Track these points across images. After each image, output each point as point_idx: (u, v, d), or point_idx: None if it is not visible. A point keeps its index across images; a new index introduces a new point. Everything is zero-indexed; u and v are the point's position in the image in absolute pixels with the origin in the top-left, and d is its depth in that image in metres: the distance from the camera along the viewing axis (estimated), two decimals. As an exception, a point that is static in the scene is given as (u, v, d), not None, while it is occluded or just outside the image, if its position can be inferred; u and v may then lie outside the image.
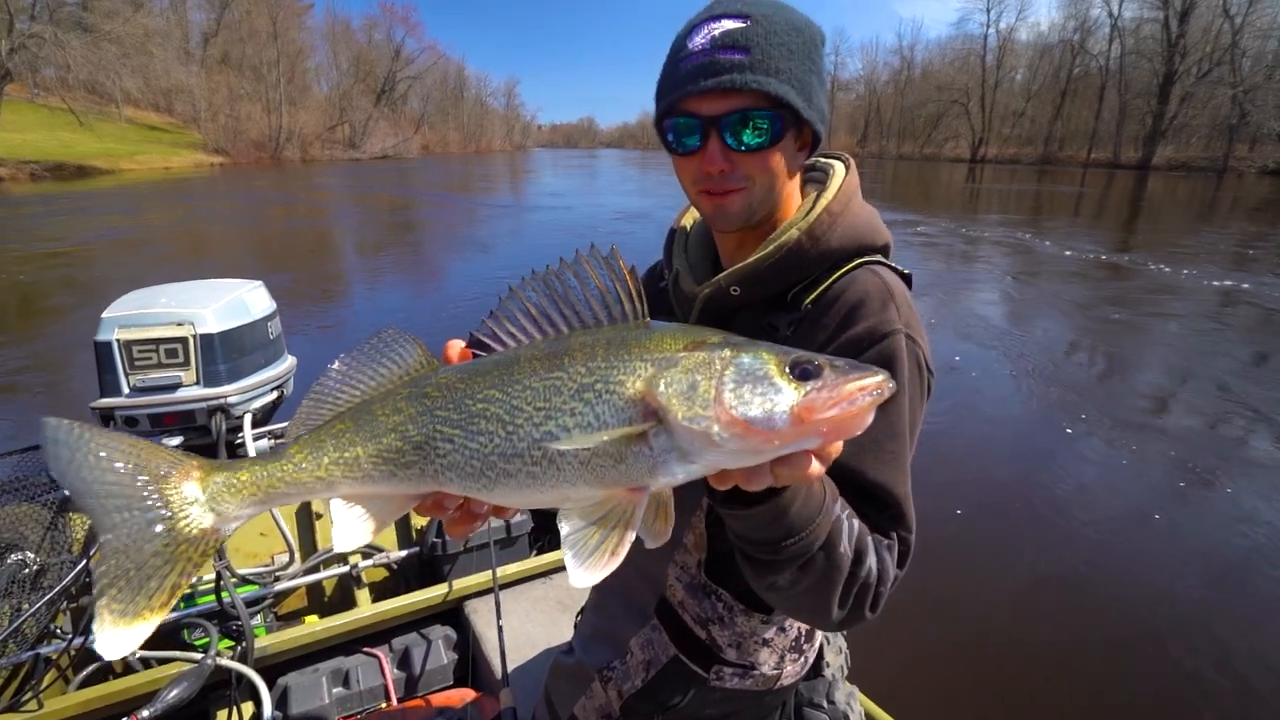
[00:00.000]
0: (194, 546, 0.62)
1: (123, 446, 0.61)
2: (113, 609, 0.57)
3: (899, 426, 0.94)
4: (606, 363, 0.61)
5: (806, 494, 0.77)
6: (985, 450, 5.65)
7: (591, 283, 0.66)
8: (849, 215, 1.04)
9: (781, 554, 0.79)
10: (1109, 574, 4.03)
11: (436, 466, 0.65)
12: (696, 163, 1.00)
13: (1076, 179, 48.03)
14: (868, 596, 0.89)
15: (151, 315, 2.17)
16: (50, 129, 42.78)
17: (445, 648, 2.41)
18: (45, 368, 7.54)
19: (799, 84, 0.95)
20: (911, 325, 0.97)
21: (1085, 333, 9.44)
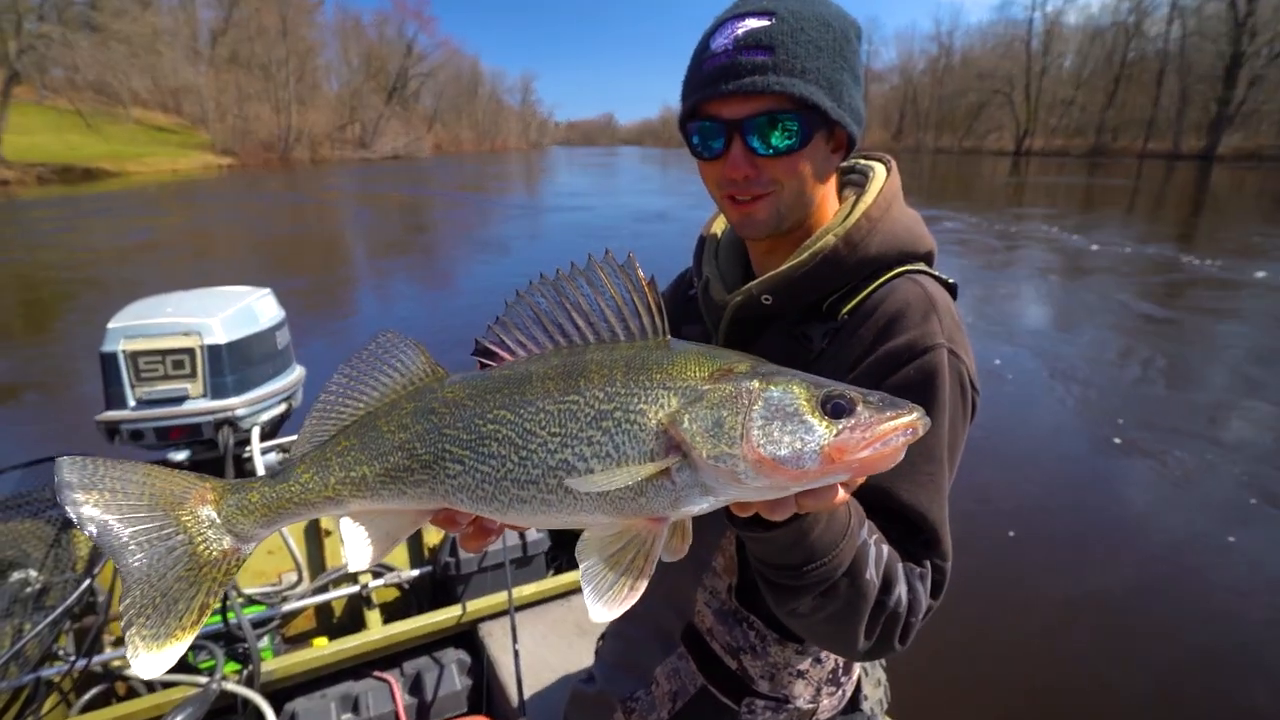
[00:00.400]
0: (216, 568, 0.65)
1: (137, 476, 0.63)
2: (144, 634, 0.60)
3: (936, 449, 0.92)
4: (626, 389, 0.60)
5: (830, 518, 0.76)
6: (1030, 465, 5.52)
7: (606, 292, 0.64)
8: (889, 221, 1.03)
9: (803, 579, 0.78)
10: (1169, 602, 3.90)
11: (447, 487, 0.65)
12: (720, 168, 0.99)
13: (1132, 171, 47.08)
14: (896, 627, 0.87)
15: (157, 325, 2.22)
16: (58, 131, 44.24)
17: (459, 672, 2.41)
18: (51, 377, 7.73)
19: (828, 83, 0.94)
20: (955, 339, 0.95)
21: (1140, 336, 9.21)
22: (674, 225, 18.90)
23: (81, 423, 2.26)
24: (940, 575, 0.92)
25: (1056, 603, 3.89)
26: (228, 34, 65.96)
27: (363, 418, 0.70)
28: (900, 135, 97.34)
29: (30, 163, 35.94)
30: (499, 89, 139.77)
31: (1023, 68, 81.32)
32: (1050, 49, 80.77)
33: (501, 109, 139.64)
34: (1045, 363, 7.95)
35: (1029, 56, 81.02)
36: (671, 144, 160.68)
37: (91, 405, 2.27)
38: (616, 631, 1.40)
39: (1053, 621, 3.75)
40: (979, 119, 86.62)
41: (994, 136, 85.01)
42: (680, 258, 1.32)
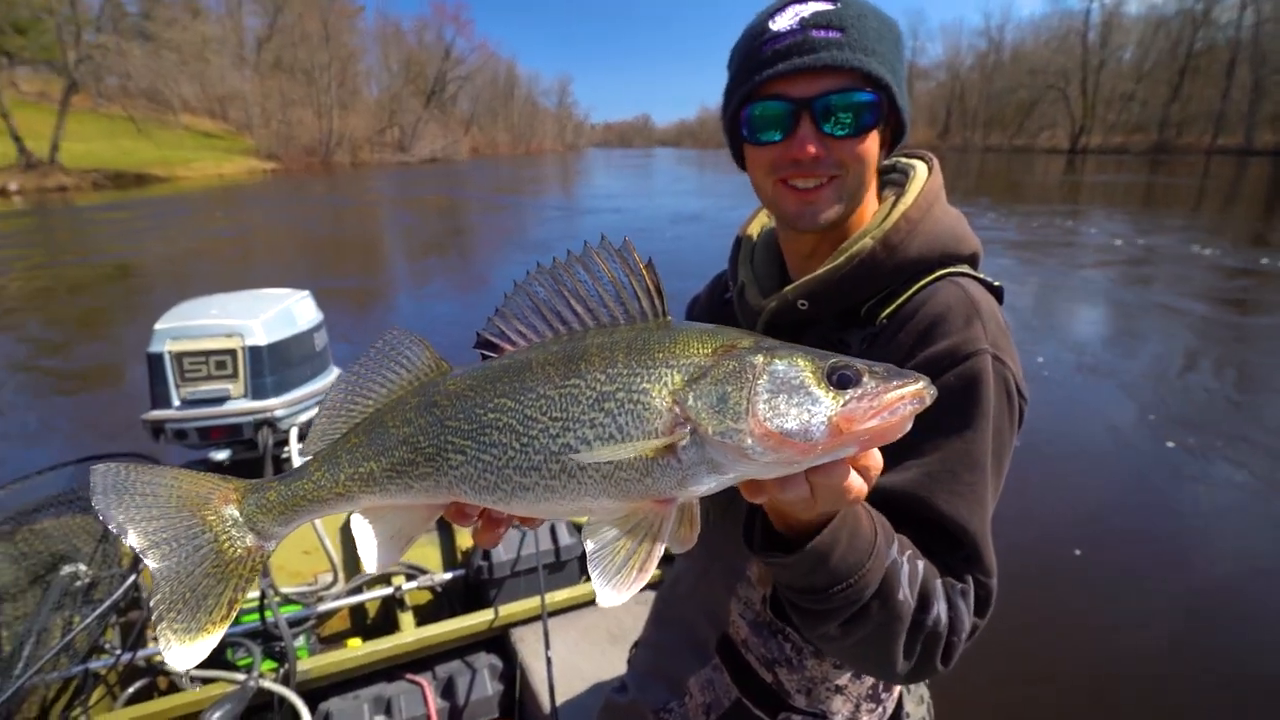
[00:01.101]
0: (242, 564, 0.68)
1: (165, 480, 0.67)
2: (175, 628, 0.63)
3: (979, 457, 0.89)
4: (628, 369, 0.60)
5: (850, 539, 0.74)
6: (1095, 476, 5.32)
7: (604, 277, 0.64)
8: (930, 222, 1.00)
9: (829, 602, 0.77)
10: (1233, 623, 3.71)
11: (450, 479, 0.66)
12: (779, 150, 0.97)
13: (1198, 168, 45.21)
14: (937, 647, 0.84)
15: (201, 327, 2.31)
16: (111, 137, 46.37)
17: (490, 677, 2.43)
18: (103, 375, 8.10)
19: (890, 68, 0.94)
20: (1000, 345, 0.92)
21: (1211, 342, 8.81)
22: (709, 226, 18.90)
23: (130, 421, 2.36)
24: (985, 591, 0.88)
25: (1109, 617, 3.74)
26: (272, 40, 68.31)
27: (371, 415, 0.71)
28: (947, 134, 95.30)
29: (86, 169, 37.74)
30: (535, 91, 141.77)
31: (1079, 61, 78.81)
32: (1109, 41, 78.18)
33: (537, 111, 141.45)
34: (1106, 370, 7.67)
35: (1085, 49, 78.48)
36: (709, 145, 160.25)
37: (139, 403, 2.36)
38: (650, 640, 1.40)
39: (1104, 636, 3.61)
40: (1031, 116, 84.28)
41: (1047, 134, 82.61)
42: (715, 258, 1.31)
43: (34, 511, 2.06)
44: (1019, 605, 3.80)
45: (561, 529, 2.85)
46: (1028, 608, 3.73)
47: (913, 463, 0.89)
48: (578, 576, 2.89)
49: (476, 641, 2.54)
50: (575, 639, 2.49)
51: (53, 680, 1.96)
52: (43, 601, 1.89)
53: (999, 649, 3.41)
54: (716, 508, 1.23)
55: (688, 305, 1.45)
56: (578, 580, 2.86)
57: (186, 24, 57.23)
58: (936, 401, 0.87)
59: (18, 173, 34.52)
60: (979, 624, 0.89)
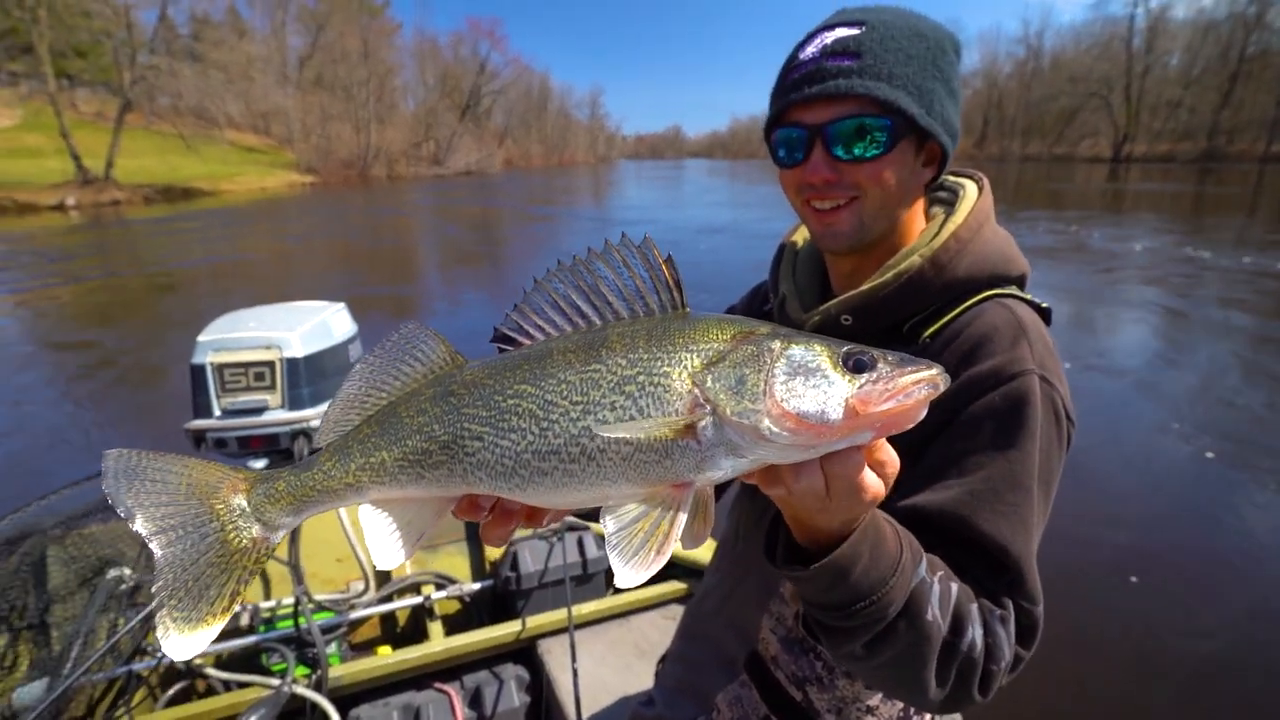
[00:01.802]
0: (246, 555, 0.67)
1: (175, 468, 0.67)
2: (175, 616, 0.63)
3: (1023, 477, 0.87)
4: (649, 354, 0.61)
5: (873, 553, 0.73)
6: (1150, 499, 5.14)
7: (624, 272, 0.65)
8: (979, 242, 1.00)
9: (852, 619, 0.75)
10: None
11: (465, 466, 0.66)
12: (799, 174, 1.00)
13: (1251, 177, 43.63)
14: (973, 674, 0.81)
15: (241, 340, 2.38)
16: (161, 154, 48.27)
17: (517, 689, 2.44)
18: (150, 384, 8.39)
19: (916, 90, 0.93)
20: (1047, 366, 0.91)
21: (1256, 355, 8.47)
22: (739, 238, 18.87)
23: (175, 428, 2.44)
24: (1029, 620, 0.86)
25: (1154, 642, 3.60)
26: (314, 58, 70.50)
27: (385, 406, 0.71)
28: (984, 142, 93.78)
29: (138, 184, 39.35)
30: (567, 104, 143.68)
31: (1122, 68, 77.06)
32: (1154, 47, 76.29)
33: (570, 123, 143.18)
34: (1151, 388, 7.43)
35: (1129, 56, 76.68)
36: (740, 155, 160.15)
37: (184, 411, 2.44)
38: (678, 654, 1.40)
39: (1150, 659, 3.47)
40: (1071, 124, 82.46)
41: (1088, 142, 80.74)
42: (745, 269, 1.30)
43: (83, 516, 2.15)
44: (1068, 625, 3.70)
45: (589, 540, 2.85)
46: (1075, 624, 3.62)
47: (954, 482, 0.88)
48: (604, 589, 2.89)
49: (504, 652, 2.56)
50: (602, 652, 2.49)
51: (99, 680, 2.03)
52: (90, 604, 1.96)
53: (1043, 672, 3.31)
54: (748, 520, 1.22)
55: (726, 311, 1.45)
56: (605, 593, 2.86)
57: (233, 44, 59.55)
58: (982, 420, 0.89)
59: (75, 188, 36.10)
60: (1023, 654, 0.85)
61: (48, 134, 39.23)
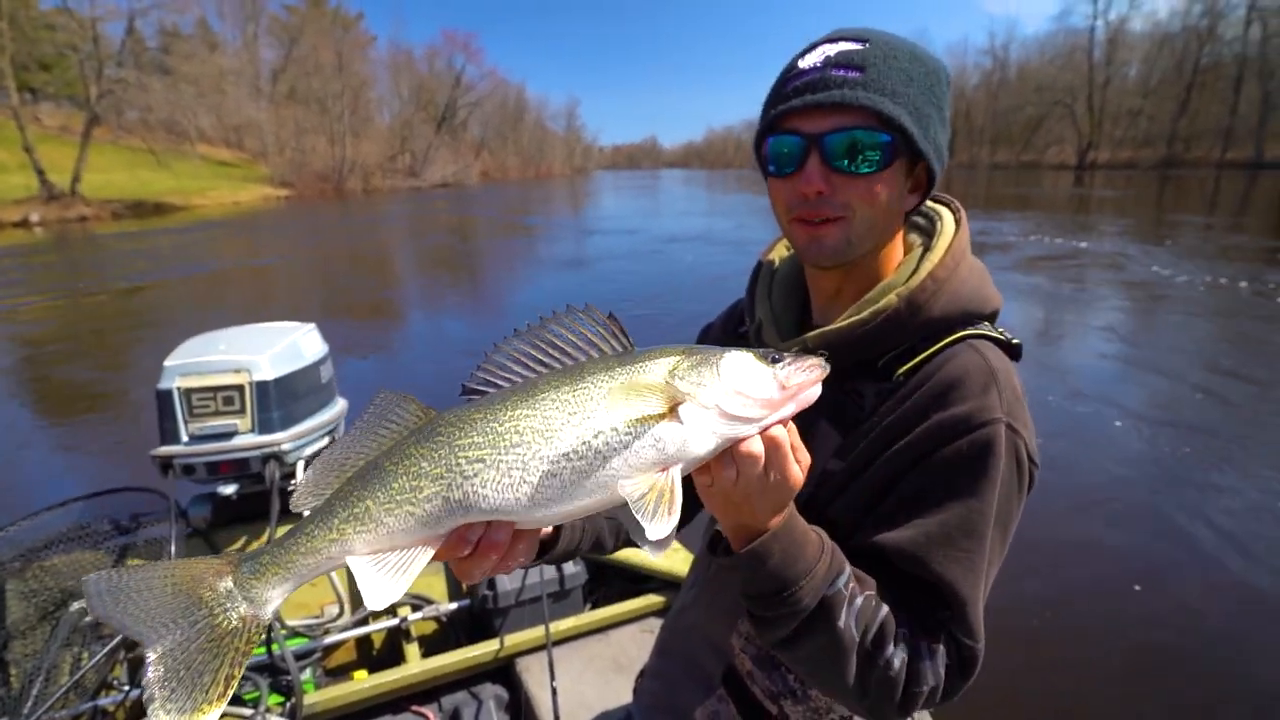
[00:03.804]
0: (237, 636, 0.67)
1: (157, 574, 0.68)
2: (169, 707, 0.63)
3: (977, 525, 0.90)
4: (625, 371, 0.73)
5: (786, 551, 0.83)
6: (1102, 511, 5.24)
7: (575, 329, 0.75)
8: (955, 282, 1.00)
9: (771, 610, 0.85)
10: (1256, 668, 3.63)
11: (464, 491, 0.70)
12: (791, 185, 0.98)
13: (1209, 182, 45.00)
14: (893, 692, 0.87)
15: (209, 363, 2.34)
16: (131, 168, 47.40)
17: (496, 709, 2.42)
18: (115, 408, 8.18)
19: (915, 111, 0.93)
20: (1014, 413, 0.92)
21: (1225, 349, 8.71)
22: (715, 247, 18.99)
23: (140, 455, 2.39)
24: (967, 654, 0.90)
25: (1129, 649, 3.67)
26: (287, 71, 69.85)
27: (364, 465, 0.73)
28: (953, 151, 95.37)
29: (106, 199, 38.56)
30: (544, 115, 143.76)
31: (1084, 78, 79.17)
32: (1114, 58, 78.51)
33: (546, 135, 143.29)
34: (1114, 400, 7.59)
35: (1091, 67, 78.83)
36: (716, 165, 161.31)
37: (149, 437, 2.40)
38: (655, 671, 1.39)
39: (1125, 667, 3.54)
40: (1038, 132, 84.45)
41: (1054, 150, 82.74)
42: (722, 277, 1.29)
43: (44, 548, 2.09)
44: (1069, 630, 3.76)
45: None
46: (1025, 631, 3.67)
47: (915, 522, 0.91)
48: (582, 605, 2.88)
49: (482, 672, 2.54)
50: (580, 668, 2.48)
51: (62, 718, 1.97)
52: (51, 638, 1.91)
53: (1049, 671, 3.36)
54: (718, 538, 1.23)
55: (700, 333, 1.44)
56: (582, 609, 2.85)
57: (204, 57, 58.71)
58: (947, 465, 0.91)
59: (39, 204, 35.28)
60: (959, 684, 0.90)
61: (9, 149, 38.27)
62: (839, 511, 1.00)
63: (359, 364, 9.19)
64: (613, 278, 15.73)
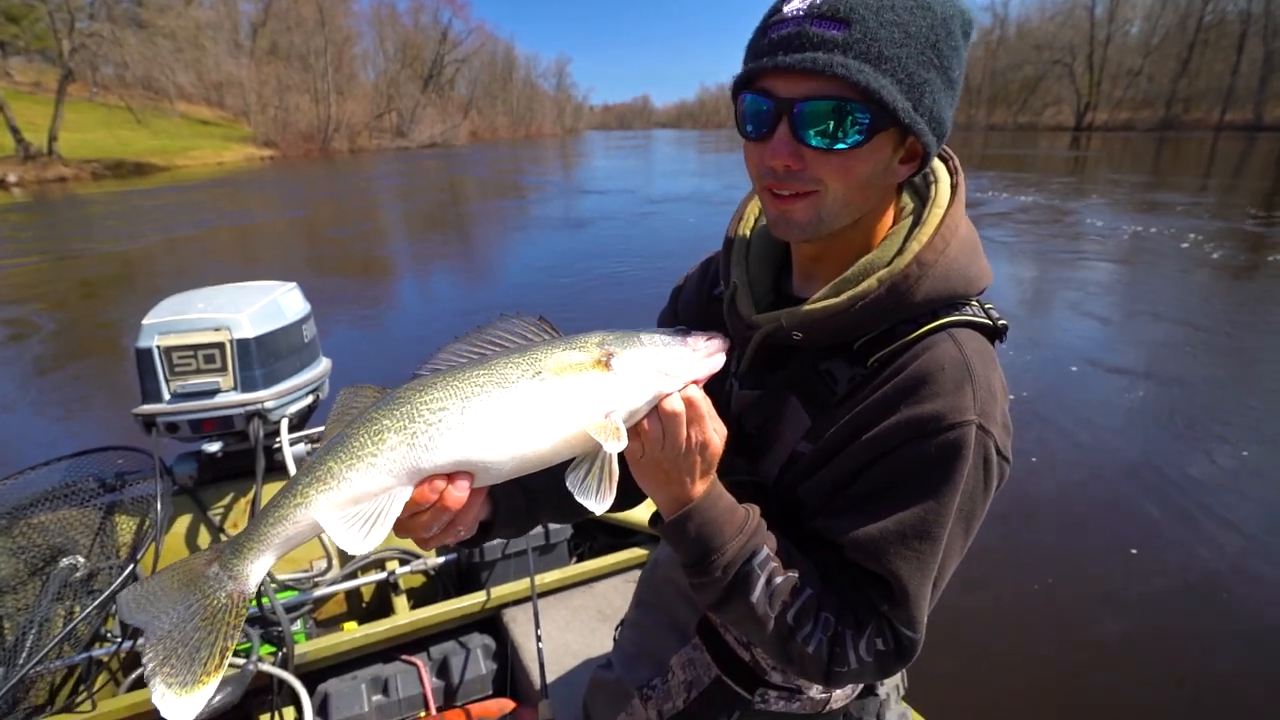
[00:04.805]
0: (227, 612, 0.74)
1: (168, 577, 0.76)
2: (169, 682, 0.70)
3: (932, 528, 0.89)
4: (567, 341, 0.83)
5: (703, 524, 0.91)
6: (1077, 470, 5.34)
7: (512, 330, 0.84)
8: (943, 265, 0.92)
9: (695, 576, 0.95)
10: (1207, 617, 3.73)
11: (429, 435, 0.75)
12: (760, 153, 0.89)
13: (1206, 144, 44.66)
14: (814, 667, 0.93)
15: (189, 321, 2.34)
16: (109, 127, 46.18)
17: (484, 657, 2.49)
18: (98, 368, 8.13)
19: (906, 77, 0.81)
20: (986, 411, 0.89)
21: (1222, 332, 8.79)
22: (707, 206, 18.83)
23: (123, 415, 2.40)
24: (906, 643, 0.93)
25: (1084, 596, 3.79)
26: (267, 25, 67.67)
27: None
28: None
29: (85, 159, 37.63)
30: (533, 74, 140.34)
31: (1085, 36, 77.79)
32: (1116, 15, 77.04)
33: (536, 94, 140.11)
34: (1106, 366, 7.66)
35: (1093, 23, 77.39)
36: (709, 125, 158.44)
37: (133, 396, 2.40)
38: (634, 621, 1.43)
39: (1079, 613, 3.66)
40: (1035, 93, 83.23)
41: (1052, 111, 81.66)
42: (714, 238, 1.25)
43: (29, 506, 2.11)
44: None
45: None
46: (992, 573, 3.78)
47: (875, 517, 0.91)
48: (568, 559, 2.94)
49: (470, 623, 2.60)
50: (565, 619, 2.55)
51: (57, 669, 2.02)
52: (43, 593, 1.95)
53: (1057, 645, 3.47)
54: None
55: (671, 292, 1.37)
56: (568, 562, 2.92)
57: (180, 10, 56.69)
58: (912, 464, 0.90)
59: (16, 164, 34.41)
60: (893, 668, 0.95)
61: (-20, 106, 37.24)
62: (806, 493, 1.00)
63: (344, 324, 9.16)
64: (604, 240, 15.62)
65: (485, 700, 2.41)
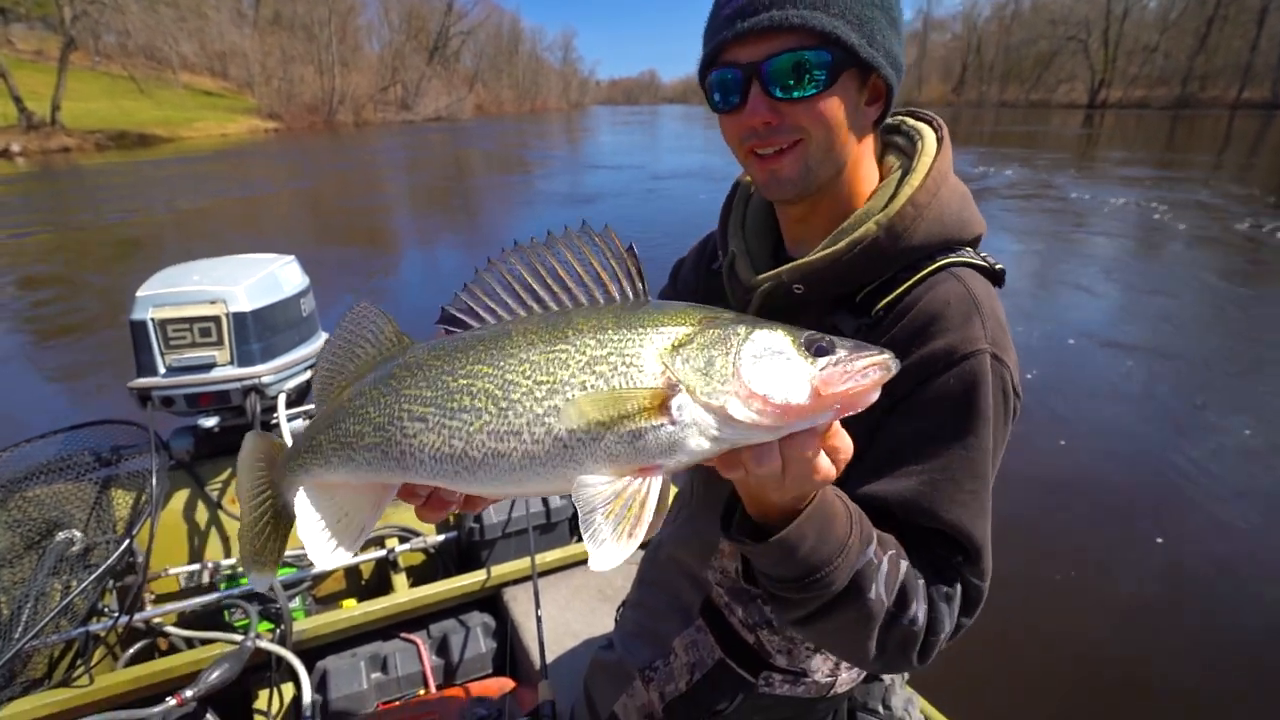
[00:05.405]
0: (281, 519, 0.81)
1: (250, 445, 0.83)
2: (244, 556, 0.83)
3: (980, 465, 0.88)
4: (619, 335, 0.60)
5: (820, 533, 0.76)
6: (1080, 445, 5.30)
7: (585, 258, 0.65)
8: (936, 207, 0.95)
9: (798, 593, 0.79)
10: (1203, 591, 3.74)
11: (403, 449, 0.65)
12: (738, 119, 0.94)
13: (1222, 124, 43.96)
14: (913, 645, 0.86)
15: (184, 294, 2.29)
16: (112, 97, 45.86)
17: (484, 635, 2.49)
18: (95, 340, 8.09)
19: (856, 18, 0.87)
20: (999, 342, 0.90)
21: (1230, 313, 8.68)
22: (716, 184, 18.63)
23: (117, 390, 2.37)
24: (975, 593, 0.89)
25: (1088, 582, 3.77)
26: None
27: (336, 393, 0.74)
28: (962, 88, 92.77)
29: (89, 129, 37.44)
30: (539, 47, 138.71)
31: (1101, 10, 76.17)
32: (1134, -11, 75.35)
33: (542, 68, 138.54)
34: (1113, 341, 7.59)
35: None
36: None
37: (129, 369, 2.37)
38: (636, 601, 1.42)
39: (1081, 598, 3.65)
40: (1049, 69, 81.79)
41: (1065, 88, 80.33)
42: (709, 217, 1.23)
43: (25, 479, 2.09)
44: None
45: None
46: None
47: (914, 469, 0.88)
48: (568, 538, 2.92)
49: (469, 601, 2.59)
50: (566, 598, 2.53)
51: (54, 643, 2.01)
52: (39, 566, 1.93)
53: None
54: (700, 475, 1.23)
55: (672, 269, 1.40)
56: (568, 541, 2.90)
57: (183, -22, 56.03)
58: (937, 403, 0.88)
59: (19, 134, 34.30)
60: (965, 623, 0.90)
61: (-18, 74, 36.96)
62: None
63: (345, 298, 9.11)
64: (614, 216, 15.40)
65: (485, 679, 2.41)
